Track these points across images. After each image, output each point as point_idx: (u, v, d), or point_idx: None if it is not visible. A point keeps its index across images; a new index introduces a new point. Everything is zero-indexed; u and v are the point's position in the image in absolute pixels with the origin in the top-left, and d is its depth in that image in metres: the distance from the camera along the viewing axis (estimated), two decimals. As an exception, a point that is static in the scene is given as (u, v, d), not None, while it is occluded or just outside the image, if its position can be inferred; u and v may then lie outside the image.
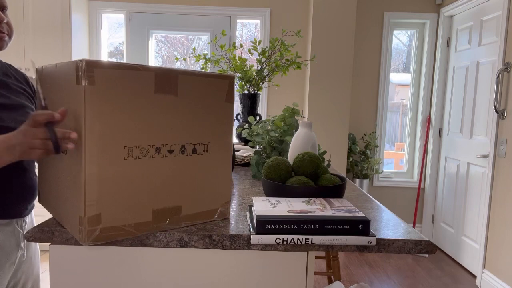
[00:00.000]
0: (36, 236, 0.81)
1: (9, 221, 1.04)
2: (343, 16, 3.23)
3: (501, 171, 2.66)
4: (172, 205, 0.83)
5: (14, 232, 1.06)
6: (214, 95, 0.87)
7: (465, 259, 3.13)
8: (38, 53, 3.08)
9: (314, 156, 1.07)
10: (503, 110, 2.65)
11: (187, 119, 0.83)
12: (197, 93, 0.84)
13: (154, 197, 0.80)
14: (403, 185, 3.78)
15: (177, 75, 0.80)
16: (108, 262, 0.83)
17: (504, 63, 2.66)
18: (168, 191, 0.82)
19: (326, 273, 1.93)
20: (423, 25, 3.69)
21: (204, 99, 0.85)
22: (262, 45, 3.45)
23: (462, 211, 3.19)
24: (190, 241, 0.81)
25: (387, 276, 2.94)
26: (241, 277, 0.84)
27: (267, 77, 2.03)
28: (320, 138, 3.33)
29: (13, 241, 1.06)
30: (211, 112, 0.87)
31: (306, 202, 0.93)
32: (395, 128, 3.92)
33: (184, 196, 0.84)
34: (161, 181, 0.80)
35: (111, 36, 3.66)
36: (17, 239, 1.07)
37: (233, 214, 0.96)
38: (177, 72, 0.80)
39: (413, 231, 0.87)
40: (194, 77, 0.83)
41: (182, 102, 0.81)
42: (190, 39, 3.78)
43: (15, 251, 1.06)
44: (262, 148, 1.51)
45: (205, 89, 0.85)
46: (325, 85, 3.29)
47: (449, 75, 3.52)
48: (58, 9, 3.07)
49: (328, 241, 0.80)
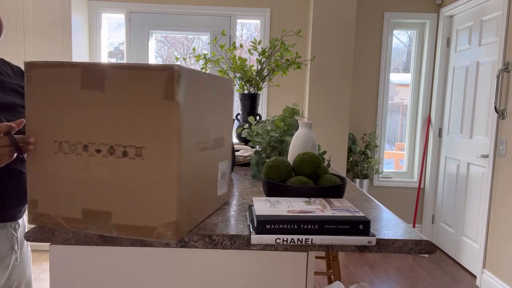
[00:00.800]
0: (36, 236, 0.81)
1: (3, 224, 1.04)
2: (343, 16, 3.23)
3: (501, 171, 2.66)
4: (101, 208, 0.78)
5: (8, 235, 1.05)
6: (148, 91, 0.73)
7: (465, 259, 3.13)
8: (38, 53, 3.08)
9: (314, 156, 1.07)
10: (503, 110, 2.65)
11: (116, 118, 0.75)
12: (127, 89, 0.74)
13: (84, 195, 0.79)
14: (403, 185, 3.78)
15: (103, 70, 0.75)
16: (108, 262, 0.83)
17: (504, 63, 2.66)
18: (97, 193, 0.78)
19: (326, 273, 1.93)
20: (423, 25, 3.69)
21: (136, 95, 0.74)
22: (262, 45, 3.45)
23: (462, 211, 3.19)
24: (190, 241, 0.81)
25: (387, 276, 2.94)
26: (241, 277, 0.84)
27: (267, 77, 2.03)
28: (320, 138, 3.33)
29: (7, 245, 1.05)
30: (146, 111, 0.74)
31: (306, 202, 0.93)
32: (395, 128, 3.93)
33: (115, 203, 0.77)
34: (89, 181, 0.78)
35: (111, 36, 3.66)
36: (11, 242, 1.06)
37: (233, 214, 0.96)
38: (105, 66, 0.75)
39: (413, 231, 0.87)
40: (123, 71, 0.74)
41: (109, 99, 0.75)
42: (190, 39, 3.78)
43: (9, 254, 1.06)
44: (262, 148, 1.51)
45: (138, 84, 0.73)
46: (325, 85, 3.29)
47: (449, 75, 3.52)
48: (58, 9, 3.07)
49: (328, 241, 0.80)
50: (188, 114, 0.76)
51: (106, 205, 0.78)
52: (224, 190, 1.04)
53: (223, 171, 1.00)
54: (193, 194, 0.82)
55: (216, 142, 0.94)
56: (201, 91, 0.82)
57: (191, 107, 0.78)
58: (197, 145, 0.82)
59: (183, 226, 0.78)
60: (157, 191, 0.75)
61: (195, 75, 0.78)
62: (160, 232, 0.75)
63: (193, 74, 0.78)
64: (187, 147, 0.77)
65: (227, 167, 1.04)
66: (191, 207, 0.81)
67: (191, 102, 0.77)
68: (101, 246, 0.82)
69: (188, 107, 0.76)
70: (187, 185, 0.78)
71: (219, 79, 0.94)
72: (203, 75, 0.83)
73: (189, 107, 0.77)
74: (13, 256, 1.08)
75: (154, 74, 0.72)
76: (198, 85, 0.80)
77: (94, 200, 0.78)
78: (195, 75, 0.78)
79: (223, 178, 1.01)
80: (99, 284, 0.83)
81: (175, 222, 0.75)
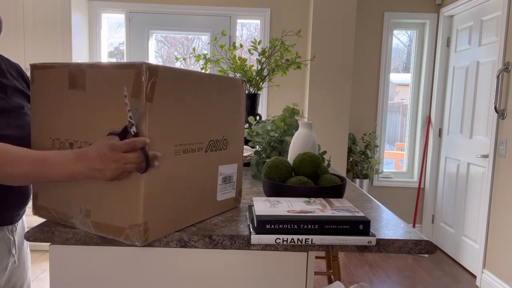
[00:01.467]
0: (36, 236, 0.81)
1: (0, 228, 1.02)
2: (343, 16, 3.23)
3: (501, 171, 2.66)
4: (82, 205, 0.80)
5: (5, 238, 1.04)
6: (119, 90, 0.73)
7: (465, 259, 3.13)
8: (38, 54, 3.08)
9: (314, 156, 1.07)
10: (503, 110, 2.65)
11: (96, 116, 0.76)
12: (104, 87, 0.75)
13: (69, 192, 0.82)
14: (403, 185, 3.78)
15: (84, 69, 0.77)
16: (108, 262, 0.83)
17: (504, 63, 2.66)
18: (79, 190, 0.80)
19: (326, 273, 1.93)
20: (423, 25, 3.69)
21: (111, 93, 0.74)
22: (262, 45, 3.45)
23: (462, 211, 3.19)
24: (190, 241, 0.81)
25: (387, 276, 2.94)
26: (241, 277, 0.84)
27: (267, 77, 2.03)
28: (320, 138, 3.33)
29: (4, 248, 1.04)
30: (117, 111, 0.74)
31: (306, 202, 0.93)
32: (395, 128, 3.93)
33: (93, 201, 0.79)
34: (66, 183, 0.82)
35: (111, 36, 3.66)
36: (8, 245, 1.05)
37: (233, 214, 0.96)
38: (85, 66, 0.77)
39: (413, 231, 0.87)
40: (99, 70, 0.75)
41: (90, 97, 0.77)
42: (190, 39, 3.78)
43: (6, 258, 1.05)
44: (262, 148, 1.51)
45: (112, 82, 0.73)
46: (325, 85, 3.29)
47: (449, 75, 3.52)
48: (58, 9, 3.07)
49: (328, 241, 0.80)
50: (162, 113, 0.74)
51: (87, 203, 0.80)
52: (230, 195, 0.99)
53: (226, 175, 0.97)
54: (172, 197, 0.80)
55: (215, 144, 0.91)
56: (186, 90, 0.80)
57: (167, 106, 0.75)
58: (178, 147, 0.79)
59: (155, 229, 0.77)
60: (126, 191, 0.75)
61: (174, 74, 0.76)
62: (127, 233, 0.75)
63: (170, 73, 0.75)
64: (160, 147, 0.75)
65: (233, 171, 0.99)
66: (168, 210, 0.79)
67: (168, 101, 0.75)
68: (101, 246, 0.82)
69: (162, 106, 0.74)
70: (162, 187, 0.77)
71: (222, 79, 0.91)
72: (191, 74, 0.81)
73: (164, 106, 0.75)
74: (11, 259, 1.07)
75: (122, 72, 0.72)
76: (179, 85, 0.78)
77: (77, 197, 0.81)
78: (174, 74, 0.76)
79: (228, 182, 0.97)
80: (99, 284, 0.83)
81: (141, 224, 0.74)
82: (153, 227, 0.76)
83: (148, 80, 0.70)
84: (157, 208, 0.77)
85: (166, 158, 0.77)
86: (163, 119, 0.75)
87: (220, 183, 0.95)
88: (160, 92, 0.73)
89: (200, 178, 0.88)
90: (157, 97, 0.73)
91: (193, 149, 0.84)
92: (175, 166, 0.80)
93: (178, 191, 0.82)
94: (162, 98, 0.74)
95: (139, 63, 0.70)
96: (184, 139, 0.81)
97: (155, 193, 0.76)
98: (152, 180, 0.75)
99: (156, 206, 0.77)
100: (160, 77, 0.73)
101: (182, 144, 0.81)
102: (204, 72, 0.86)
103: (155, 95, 0.72)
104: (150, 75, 0.71)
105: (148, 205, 0.74)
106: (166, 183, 0.78)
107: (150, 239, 0.77)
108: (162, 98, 0.74)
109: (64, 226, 0.83)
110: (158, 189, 0.76)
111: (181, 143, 0.80)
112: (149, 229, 0.76)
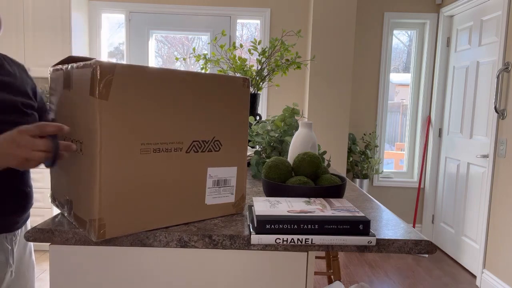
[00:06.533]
0: (36, 236, 0.81)
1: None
2: (343, 16, 3.23)
3: (501, 171, 2.66)
4: (68, 197, 0.84)
5: (3, 247, 1.00)
6: (85, 89, 0.74)
7: (465, 259, 3.13)
8: (38, 53, 3.08)
9: (314, 156, 1.07)
10: (503, 110, 2.65)
11: (75, 114, 0.79)
12: (81, 87, 0.76)
13: (64, 184, 0.87)
14: (403, 185, 3.78)
15: (71, 70, 0.79)
16: (108, 262, 0.83)
17: (504, 63, 2.66)
18: (66, 182, 0.85)
19: (326, 273, 1.93)
20: (423, 25, 3.69)
21: (82, 93, 0.75)
22: (262, 45, 3.45)
23: (462, 211, 3.19)
24: (190, 241, 0.81)
25: (387, 276, 2.94)
26: (241, 277, 0.84)
27: (267, 77, 2.03)
28: (320, 138, 3.33)
29: (1, 258, 1.00)
30: (82, 110, 0.76)
31: (306, 202, 0.93)
32: (395, 128, 3.93)
33: (74, 193, 0.81)
34: (66, 171, 0.85)
35: (111, 36, 3.66)
36: (6, 254, 1.01)
37: (233, 214, 0.96)
38: (71, 67, 0.79)
39: (413, 231, 0.87)
40: (77, 70, 0.76)
41: (73, 97, 0.79)
42: (190, 39, 3.78)
43: (3, 267, 1.00)
44: (262, 148, 1.51)
45: (82, 82, 0.75)
46: (325, 85, 3.29)
47: (449, 75, 3.52)
48: (58, 9, 3.07)
49: (328, 241, 0.80)
50: (121, 111, 0.73)
51: (70, 195, 0.83)
52: (225, 200, 0.93)
53: (220, 178, 0.91)
54: (139, 196, 0.78)
55: (201, 144, 0.86)
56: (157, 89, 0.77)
57: (129, 104, 0.74)
58: (146, 145, 0.77)
59: (114, 227, 0.76)
60: (88, 186, 0.75)
61: (137, 73, 0.74)
62: (88, 227, 0.76)
63: (131, 71, 0.73)
64: (119, 145, 0.74)
65: (230, 175, 0.93)
66: (133, 209, 0.78)
67: (129, 99, 0.74)
68: (101, 246, 0.82)
69: (121, 104, 0.73)
70: (124, 185, 0.76)
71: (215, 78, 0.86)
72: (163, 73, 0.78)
73: (124, 104, 0.73)
74: (8, 269, 1.02)
75: (85, 72, 0.73)
76: (146, 83, 0.76)
77: (66, 189, 0.85)
78: (137, 72, 0.74)
79: (223, 186, 0.92)
80: (99, 284, 0.83)
81: (96, 220, 0.73)
82: (111, 224, 0.75)
83: (101, 78, 0.70)
84: (118, 206, 0.75)
85: (128, 157, 0.75)
86: (122, 117, 0.73)
87: (211, 186, 0.90)
88: (118, 90, 0.72)
89: (180, 179, 0.84)
90: (114, 95, 0.72)
91: (168, 149, 0.81)
92: (141, 165, 0.77)
93: (147, 191, 0.79)
94: (121, 95, 0.73)
95: (94, 62, 0.70)
96: (154, 138, 0.78)
97: (115, 191, 0.74)
98: (111, 177, 0.74)
99: (118, 204, 0.75)
100: (118, 75, 0.72)
101: (152, 143, 0.78)
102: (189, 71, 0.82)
103: (111, 92, 0.71)
104: (103, 73, 0.70)
105: (104, 201, 0.74)
106: (130, 181, 0.76)
107: (108, 236, 0.75)
108: (122, 95, 0.73)
109: (64, 226, 0.83)
110: (119, 187, 0.75)
111: (150, 142, 0.78)
112: (106, 225, 0.74)
